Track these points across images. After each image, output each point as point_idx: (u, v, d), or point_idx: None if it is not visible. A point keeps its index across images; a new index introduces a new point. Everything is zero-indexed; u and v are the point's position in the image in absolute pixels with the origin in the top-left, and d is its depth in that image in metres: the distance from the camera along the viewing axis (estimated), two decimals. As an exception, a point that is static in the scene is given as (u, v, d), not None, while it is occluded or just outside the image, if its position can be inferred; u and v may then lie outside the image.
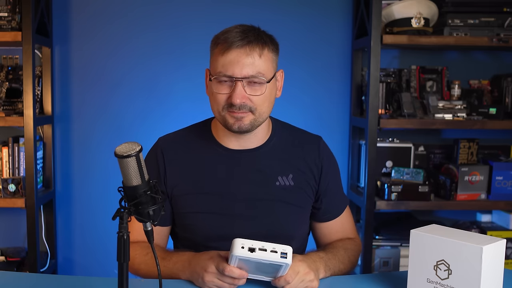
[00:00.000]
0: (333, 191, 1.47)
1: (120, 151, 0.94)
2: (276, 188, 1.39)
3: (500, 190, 2.55)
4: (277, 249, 1.09)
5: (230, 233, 1.32)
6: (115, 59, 2.65)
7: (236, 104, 1.27)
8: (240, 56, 1.26)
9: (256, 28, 1.33)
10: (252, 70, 1.27)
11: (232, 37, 1.27)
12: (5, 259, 2.52)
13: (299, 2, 2.68)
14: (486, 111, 2.53)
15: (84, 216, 2.69)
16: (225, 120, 1.32)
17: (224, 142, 1.41)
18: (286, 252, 1.09)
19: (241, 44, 1.26)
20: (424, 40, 2.43)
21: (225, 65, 1.27)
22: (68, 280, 1.36)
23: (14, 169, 2.46)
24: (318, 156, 1.45)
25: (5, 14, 2.32)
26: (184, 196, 1.39)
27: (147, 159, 1.43)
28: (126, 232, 0.94)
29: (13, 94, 2.48)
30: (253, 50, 1.27)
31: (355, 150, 2.71)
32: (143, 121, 2.66)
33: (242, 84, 1.27)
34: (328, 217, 1.48)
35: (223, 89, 1.29)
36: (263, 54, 1.29)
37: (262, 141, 1.42)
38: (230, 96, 1.28)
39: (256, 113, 1.31)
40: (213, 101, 1.33)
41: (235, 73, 1.27)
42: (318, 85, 2.72)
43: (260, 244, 1.09)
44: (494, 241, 1.06)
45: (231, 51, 1.27)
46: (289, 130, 1.49)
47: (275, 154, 1.42)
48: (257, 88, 1.29)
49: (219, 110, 1.32)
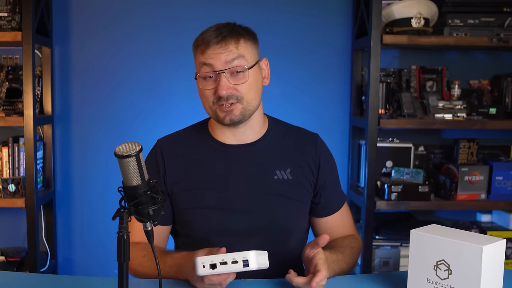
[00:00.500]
0: (331, 186, 1.49)
1: (120, 151, 0.94)
2: (275, 182, 1.40)
3: (500, 190, 2.55)
4: (238, 259, 1.08)
5: (229, 228, 1.36)
6: (115, 59, 2.65)
7: (222, 95, 1.32)
8: (218, 50, 1.33)
9: (231, 24, 1.38)
10: (231, 60, 1.33)
11: (208, 36, 1.34)
12: (5, 259, 2.52)
13: (299, 2, 2.68)
14: (486, 111, 2.53)
15: (84, 216, 2.69)
16: (216, 115, 1.36)
17: (220, 138, 1.43)
18: (247, 259, 1.08)
19: (216, 40, 1.33)
20: (424, 40, 2.43)
21: (205, 62, 1.34)
22: (68, 280, 1.36)
23: (14, 169, 2.46)
24: (316, 152, 1.46)
25: (5, 14, 2.32)
26: (183, 192, 1.40)
27: (147, 161, 1.44)
28: (126, 232, 0.94)
29: (13, 94, 2.48)
30: (228, 44, 1.33)
31: (355, 150, 2.71)
32: (143, 121, 2.66)
33: (225, 76, 1.32)
34: (327, 212, 1.49)
35: (209, 85, 1.35)
36: (239, 44, 1.35)
37: (258, 135, 1.44)
38: (216, 90, 1.33)
39: (244, 102, 1.35)
40: (203, 98, 1.38)
41: (215, 66, 1.33)
42: (318, 85, 2.72)
43: (220, 258, 1.09)
44: (494, 241, 1.06)
45: (209, 48, 1.33)
46: (285, 127, 1.51)
47: (272, 148, 1.44)
48: (240, 77, 1.34)
49: (210, 106, 1.37)
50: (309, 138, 1.49)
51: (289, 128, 1.51)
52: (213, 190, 1.39)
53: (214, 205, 1.38)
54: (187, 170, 1.41)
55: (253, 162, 1.42)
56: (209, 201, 1.38)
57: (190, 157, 1.43)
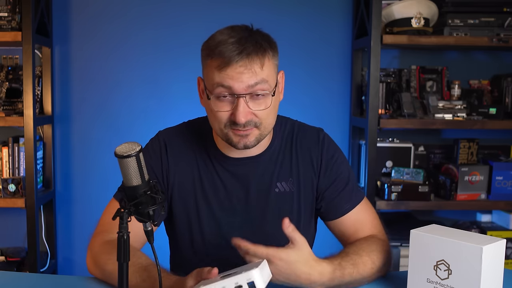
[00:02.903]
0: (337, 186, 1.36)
1: (120, 151, 0.94)
2: (275, 195, 1.34)
3: (500, 190, 2.55)
4: (241, 282, 0.93)
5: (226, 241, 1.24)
6: (115, 59, 2.65)
7: (240, 123, 1.17)
8: (240, 69, 1.15)
9: (251, 31, 1.21)
10: (254, 84, 1.16)
11: (229, 51, 1.14)
12: (5, 259, 2.52)
13: (299, 2, 2.68)
14: (486, 111, 2.53)
15: (84, 216, 2.69)
16: (228, 138, 1.23)
17: (224, 150, 1.34)
18: (253, 280, 0.93)
19: (239, 58, 1.14)
20: (424, 40, 2.43)
21: (223, 81, 1.16)
22: (68, 280, 1.36)
23: (14, 169, 2.46)
24: (319, 151, 1.37)
25: (5, 14, 2.32)
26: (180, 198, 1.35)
27: (148, 150, 1.36)
28: (126, 232, 0.94)
29: (13, 94, 2.48)
30: (252, 63, 1.16)
31: (355, 150, 2.71)
32: (143, 121, 2.66)
33: (244, 100, 1.16)
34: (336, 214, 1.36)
35: (224, 106, 1.18)
36: (264, 64, 1.18)
37: (264, 147, 1.35)
38: (232, 113, 1.18)
39: (261, 127, 1.22)
40: (213, 119, 1.22)
41: (236, 89, 1.16)
42: (318, 85, 2.72)
43: (220, 285, 0.94)
44: (494, 241, 1.06)
45: (230, 67, 1.15)
46: (289, 127, 1.41)
47: (275, 159, 1.36)
48: (261, 102, 1.19)
49: (220, 128, 1.22)
50: (313, 137, 1.39)
51: (293, 128, 1.40)
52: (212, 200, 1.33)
53: (211, 217, 1.33)
54: (190, 173, 1.35)
55: (254, 175, 1.34)
56: (208, 210, 1.34)
57: (191, 160, 1.35)
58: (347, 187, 1.37)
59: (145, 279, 1.12)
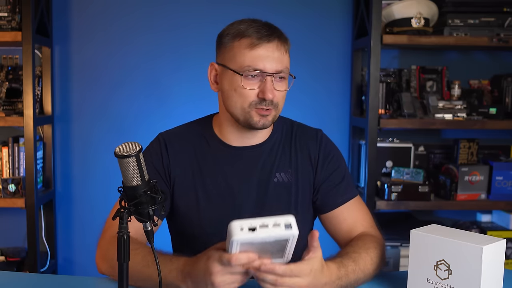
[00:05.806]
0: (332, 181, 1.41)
1: (120, 151, 0.94)
2: (274, 184, 1.37)
3: (500, 190, 2.55)
4: (280, 222, 0.96)
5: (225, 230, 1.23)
6: (115, 59, 2.65)
7: (268, 99, 1.25)
8: (272, 50, 1.25)
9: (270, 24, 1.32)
10: (282, 65, 1.26)
11: (261, 32, 1.25)
12: (5, 259, 2.52)
13: (299, 3, 2.68)
14: (486, 111, 2.53)
15: (84, 216, 2.69)
16: (249, 117, 1.28)
17: (225, 138, 1.39)
18: (290, 222, 0.96)
19: (271, 38, 1.25)
20: (424, 40, 2.43)
21: (254, 59, 1.24)
22: (68, 280, 1.36)
23: (14, 169, 2.46)
24: (317, 148, 1.42)
25: (5, 14, 2.32)
26: (183, 190, 1.38)
27: (149, 150, 1.40)
28: (126, 232, 0.94)
29: (13, 94, 2.48)
30: (281, 46, 1.27)
31: (355, 150, 2.71)
32: (143, 121, 2.66)
33: (272, 79, 1.25)
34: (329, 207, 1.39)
35: (253, 85, 1.26)
36: (287, 50, 1.30)
37: (265, 137, 1.40)
38: (260, 91, 1.25)
39: (277, 109, 1.30)
40: (238, 97, 1.28)
41: (267, 68, 1.25)
42: (318, 85, 2.72)
43: (259, 221, 0.96)
44: (494, 241, 1.06)
45: (262, 45, 1.25)
46: (289, 125, 1.46)
47: (275, 149, 1.41)
48: (283, 84, 1.29)
49: (243, 107, 1.27)
50: (311, 135, 1.45)
51: (292, 126, 1.46)
52: (213, 193, 1.36)
53: (213, 206, 1.36)
54: (189, 167, 1.38)
55: (256, 164, 1.38)
56: (208, 202, 1.37)
57: (193, 154, 1.39)
58: (342, 182, 1.41)
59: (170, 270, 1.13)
